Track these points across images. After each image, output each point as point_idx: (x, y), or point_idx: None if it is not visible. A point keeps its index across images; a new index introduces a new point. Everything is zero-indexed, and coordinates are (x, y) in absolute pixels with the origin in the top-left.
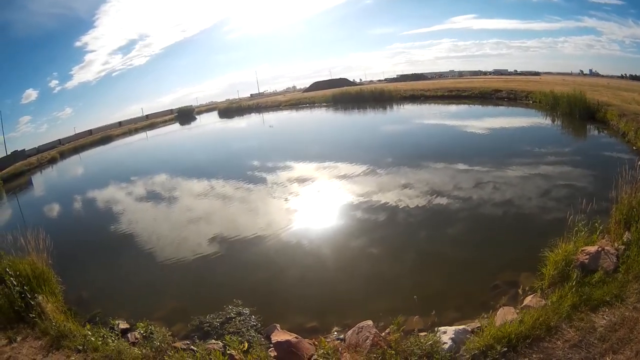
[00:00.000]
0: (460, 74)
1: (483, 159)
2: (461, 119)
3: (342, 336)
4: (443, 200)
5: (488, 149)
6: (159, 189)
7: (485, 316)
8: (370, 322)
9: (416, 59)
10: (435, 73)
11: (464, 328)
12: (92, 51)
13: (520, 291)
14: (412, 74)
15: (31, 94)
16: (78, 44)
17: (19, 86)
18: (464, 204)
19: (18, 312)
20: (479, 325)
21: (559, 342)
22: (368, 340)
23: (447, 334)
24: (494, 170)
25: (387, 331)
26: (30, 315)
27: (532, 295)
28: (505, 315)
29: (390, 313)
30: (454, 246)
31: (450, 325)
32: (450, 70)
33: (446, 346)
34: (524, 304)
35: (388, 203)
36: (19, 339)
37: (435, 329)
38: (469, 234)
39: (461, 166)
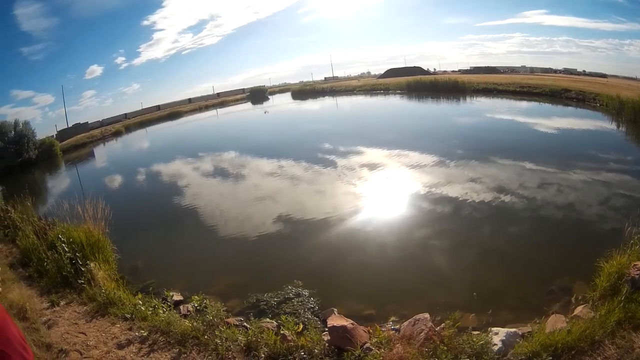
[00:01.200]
0: (532, 70)
1: (549, 159)
2: (531, 116)
3: (397, 326)
4: (508, 198)
5: (554, 149)
6: (226, 165)
7: (538, 321)
8: (427, 315)
9: (489, 51)
10: (507, 67)
11: (515, 331)
12: (160, 30)
13: (573, 300)
14: (485, 66)
15: (95, 69)
16: (146, 22)
17: (82, 62)
18: (527, 204)
19: (66, 278)
20: (530, 330)
21: (599, 358)
22: (422, 334)
23: (498, 336)
24: (559, 172)
25: (442, 326)
26: (79, 281)
27: (583, 306)
28: (556, 322)
29: (448, 307)
30: (515, 245)
31: (503, 326)
32: (522, 66)
33: (496, 348)
34: (574, 314)
35: (454, 196)
36: (62, 303)
37: (489, 329)
38: (530, 235)
39: (528, 164)
